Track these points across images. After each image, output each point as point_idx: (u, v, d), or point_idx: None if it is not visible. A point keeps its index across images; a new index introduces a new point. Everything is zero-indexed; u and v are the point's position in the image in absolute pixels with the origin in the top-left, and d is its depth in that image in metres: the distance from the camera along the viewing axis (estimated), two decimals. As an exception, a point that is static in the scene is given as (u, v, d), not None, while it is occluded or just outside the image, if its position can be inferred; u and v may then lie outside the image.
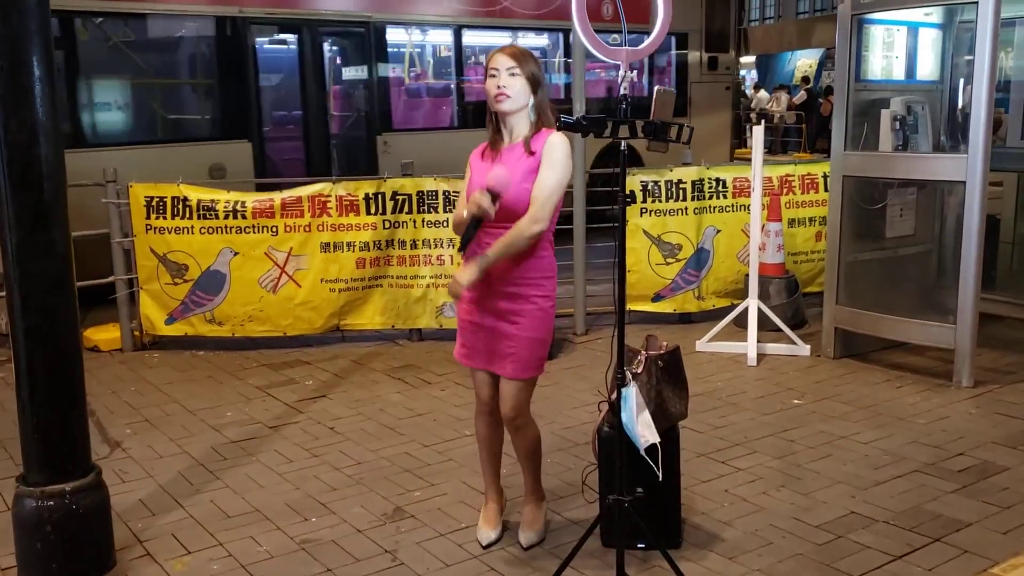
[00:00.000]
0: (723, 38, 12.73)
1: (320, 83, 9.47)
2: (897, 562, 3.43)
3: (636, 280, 6.80)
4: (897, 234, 6.20)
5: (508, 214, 3.23)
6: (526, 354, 3.36)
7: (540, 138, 3.30)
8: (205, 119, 8.88)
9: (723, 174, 7.02)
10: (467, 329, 3.46)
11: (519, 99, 3.27)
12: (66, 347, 3.36)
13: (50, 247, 3.27)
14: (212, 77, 8.78)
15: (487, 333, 3.39)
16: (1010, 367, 5.78)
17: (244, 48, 8.67)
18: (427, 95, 10.66)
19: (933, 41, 6.27)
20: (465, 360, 3.51)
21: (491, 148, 3.39)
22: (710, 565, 3.44)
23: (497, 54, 3.30)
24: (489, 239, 3.26)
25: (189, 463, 4.54)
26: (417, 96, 10.52)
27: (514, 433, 3.51)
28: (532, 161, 3.27)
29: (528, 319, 3.34)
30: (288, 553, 3.60)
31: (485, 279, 3.26)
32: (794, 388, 5.49)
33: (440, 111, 10.73)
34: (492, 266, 3.23)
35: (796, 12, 36.06)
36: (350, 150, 9.94)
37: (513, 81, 3.25)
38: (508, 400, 3.41)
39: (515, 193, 3.23)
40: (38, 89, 3.17)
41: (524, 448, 3.57)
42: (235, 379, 5.90)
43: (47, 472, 3.32)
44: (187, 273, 6.41)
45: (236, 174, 8.14)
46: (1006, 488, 4.05)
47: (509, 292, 3.33)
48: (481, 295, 3.37)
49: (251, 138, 8.71)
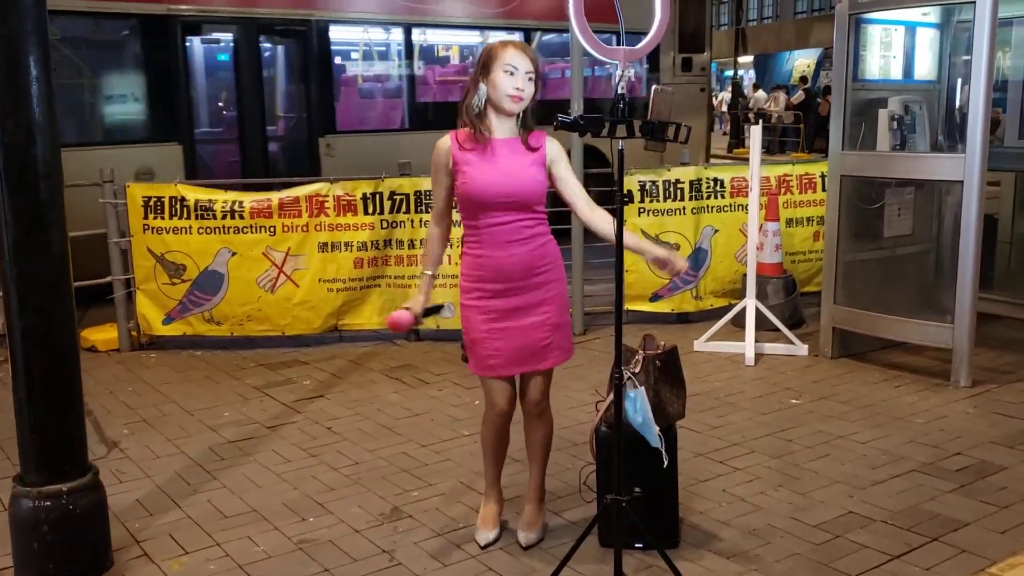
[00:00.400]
0: (697, 38, 12.29)
1: (257, 83, 9.05)
2: (895, 561, 3.43)
3: (634, 280, 6.80)
4: (895, 234, 6.21)
5: (520, 204, 3.28)
6: (560, 339, 3.43)
7: (538, 137, 3.34)
8: (131, 121, 8.50)
9: (721, 174, 7.03)
10: (495, 337, 3.37)
11: (527, 102, 3.29)
12: (63, 347, 3.36)
13: (47, 247, 3.26)
14: (138, 78, 8.43)
15: (520, 333, 3.36)
16: (1008, 367, 5.79)
17: (173, 48, 8.35)
18: (375, 96, 10.19)
19: (931, 41, 6.28)
20: (499, 371, 3.41)
21: (475, 140, 3.30)
22: (708, 565, 3.44)
23: (515, 52, 3.25)
24: (510, 235, 3.29)
25: (186, 463, 4.54)
26: (364, 97, 10.08)
27: (537, 419, 3.54)
28: (535, 156, 3.31)
29: (554, 305, 3.39)
30: (285, 553, 3.60)
31: (509, 279, 3.32)
32: (792, 388, 5.49)
33: (390, 112, 10.24)
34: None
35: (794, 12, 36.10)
36: (290, 152, 9.59)
37: (529, 85, 3.26)
38: (539, 387, 3.48)
39: (526, 184, 3.27)
40: (35, 89, 3.16)
41: (543, 436, 3.59)
42: (232, 379, 5.89)
43: (44, 472, 3.32)
44: (185, 273, 6.41)
45: (165, 178, 7.66)
46: (1004, 487, 4.05)
47: (534, 283, 3.35)
48: (503, 299, 3.35)
49: (181, 140, 8.41)
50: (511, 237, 3.29)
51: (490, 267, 3.33)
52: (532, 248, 3.32)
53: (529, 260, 3.33)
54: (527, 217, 3.30)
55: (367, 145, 9.38)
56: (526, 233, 3.30)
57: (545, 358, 3.40)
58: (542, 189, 3.33)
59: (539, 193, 3.32)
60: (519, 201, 3.27)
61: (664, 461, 3.43)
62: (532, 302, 3.36)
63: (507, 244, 3.30)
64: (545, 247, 3.37)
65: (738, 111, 27.08)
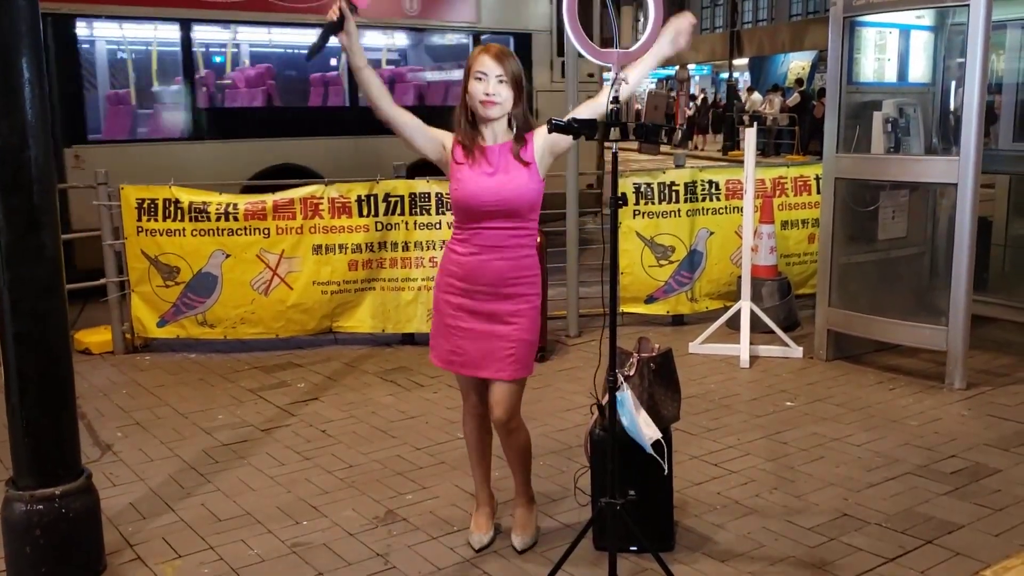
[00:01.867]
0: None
1: None
2: (889, 564, 3.43)
3: (629, 282, 6.81)
4: (889, 236, 6.22)
5: (512, 212, 3.25)
6: (523, 355, 3.37)
7: (527, 147, 3.29)
8: None
9: (716, 176, 7.03)
10: (456, 335, 3.39)
11: (506, 105, 3.25)
12: (56, 350, 3.35)
13: (41, 251, 3.25)
14: None
15: (481, 337, 3.35)
16: (1002, 369, 5.80)
17: None
18: (142, 101, 8.94)
19: (925, 44, 6.29)
20: (452, 367, 3.44)
21: (468, 150, 3.29)
22: (703, 568, 3.44)
23: (483, 56, 3.23)
24: (494, 241, 3.26)
25: (180, 466, 4.52)
26: (125, 103, 8.71)
27: (506, 437, 3.49)
28: (527, 168, 3.27)
29: (526, 319, 3.35)
30: (279, 557, 3.59)
31: (482, 282, 3.29)
32: (787, 390, 5.50)
33: (160, 120, 9.02)
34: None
35: (789, 14, 36.16)
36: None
37: (501, 88, 3.22)
38: (502, 403, 3.38)
39: (518, 192, 3.24)
40: (28, 91, 3.15)
41: (516, 452, 3.56)
42: (227, 382, 5.88)
43: (37, 476, 3.30)
44: (179, 275, 6.39)
45: None
46: (998, 490, 4.05)
47: (507, 293, 3.32)
48: (474, 301, 3.35)
49: None
50: (492, 243, 3.29)
51: (465, 267, 3.33)
52: (510, 258, 3.30)
53: (504, 269, 3.30)
54: (515, 226, 3.29)
55: (131, 157, 8.21)
56: (509, 242, 3.29)
57: (504, 369, 3.35)
58: (534, 197, 3.29)
59: (531, 201, 3.28)
60: (508, 209, 3.25)
61: (664, 468, 3.42)
62: (502, 312, 3.32)
63: (487, 249, 3.29)
64: (524, 260, 3.33)
65: (733, 113, 27.13)
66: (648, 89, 10.24)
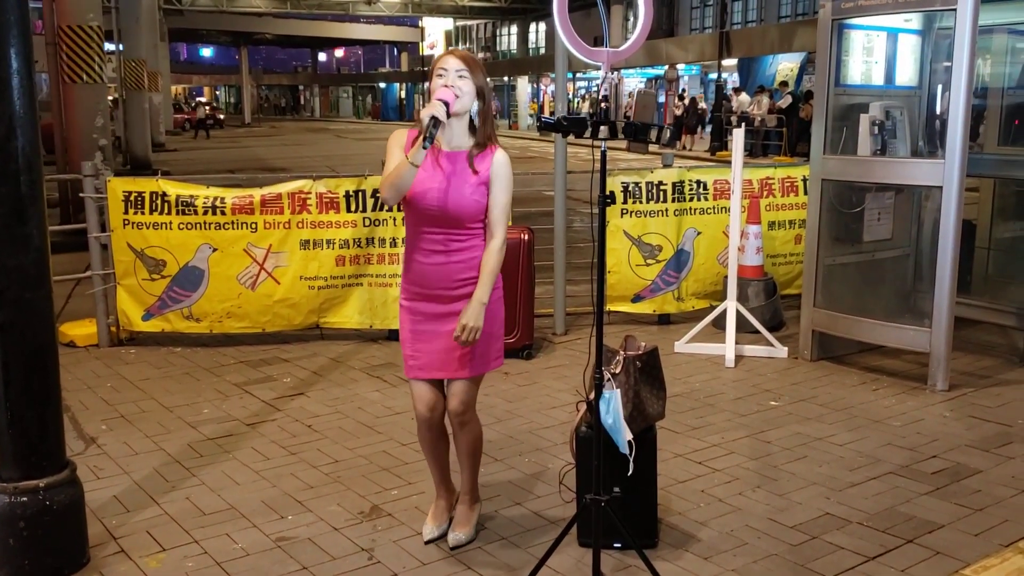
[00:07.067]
0: None
1: None
2: (870, 563, 3.46)
3: (616, 281, 6.82)
4: (874, 238, 6.26)
5: (452, 221, 3.29)
6: (483, 350, 3.40)
7: (485, 158, 3.32)
8: None
9: (704, 176, 7.05)
10: (417, 339, 3.42)
11: (465, 101, 3.26)
12: (42, 342, 3.34)
13: (27, 241, 3.24)
14: None
15: (441, 339, 3.37)
16: (984, 371, 5.84)
17: None
18: None
19: (912, 47, 6.33)
20: (417, 372, 3.44)
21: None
22: (686, 565, 3.46)
23: (447, 56, 3.29)
24: (436, 246, 3.31)
25: (165, 460, 4.52)
26: None
27: (459, 429, 3.51)
28: (476, 179, 3.29)
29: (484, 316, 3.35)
30: (264, 551, 3.59)
31: (432, 286, 3.34)
32: (771, 390, 5.53)
33: None
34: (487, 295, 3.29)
35: (778, 16, 36.25)
36: None
37: (463, 82, 3.24)
38: (459, 395, 3.42)
39: (460, 203, 3.27)
40: (15, 82, 3.14)
41: (468, 445, 3.57)
42: (212, 376, 5.87)
43: (21, 468, 3.30)
44: (165, 269, 6.37)
45: None
46: (978, 491, 4.09)
47: (458, 294, 3.35)
48: (432, 305, 3.37)
49: None
50: (437, 247, 3.32)
51: (415, 271, 3.38)
52: (458, 260, 3.33)
53: (453, 271, 3.33)
54: (458, 232, 3.32)
55: None
56: (453, 246, 3.32)
57: (465, 367, 3.38)
58: (477, 209, 3.31)
59: (473, 213, 3.31)
60: (451, 218, 3.29)
61: (630, 468, 3.43)
62: (456, 311, 3.33)
63: (432, 252, 3.33)
64: (473, 261, 3.35)
65: (721, 114, 27.19)
66: (638, 88, 10.24)
